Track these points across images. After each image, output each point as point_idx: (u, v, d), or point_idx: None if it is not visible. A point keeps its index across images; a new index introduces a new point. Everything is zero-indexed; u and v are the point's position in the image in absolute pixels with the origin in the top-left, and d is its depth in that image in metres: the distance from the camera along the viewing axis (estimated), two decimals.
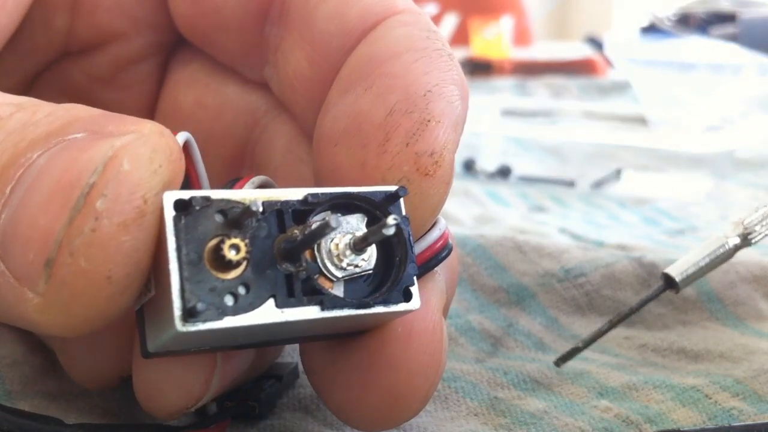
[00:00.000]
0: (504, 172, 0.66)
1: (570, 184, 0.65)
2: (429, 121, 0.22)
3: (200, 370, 0.22)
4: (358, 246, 0.20)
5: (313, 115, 0.25)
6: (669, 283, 0.28)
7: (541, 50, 1.54)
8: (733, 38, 1.04)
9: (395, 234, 0.20)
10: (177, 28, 0.28)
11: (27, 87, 0.29)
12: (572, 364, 0.31)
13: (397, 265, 0.21)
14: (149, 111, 0.30)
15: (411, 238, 0.21)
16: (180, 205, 0.18)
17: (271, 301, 0.19)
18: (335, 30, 0.24)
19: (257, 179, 0.23)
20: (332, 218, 0.19)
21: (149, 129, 0.19)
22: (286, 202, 0.20)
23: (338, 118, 0.23)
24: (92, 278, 0.18)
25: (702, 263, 0.27)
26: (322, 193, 0.20)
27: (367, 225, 0.21)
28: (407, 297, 0.21)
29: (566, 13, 2.78)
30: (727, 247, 0.27)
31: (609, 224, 0.54)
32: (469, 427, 0.27)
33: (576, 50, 1.37)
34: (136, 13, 0.29)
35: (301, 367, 0.26)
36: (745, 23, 1.08)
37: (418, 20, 0.24)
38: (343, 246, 0.20)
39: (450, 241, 0.23)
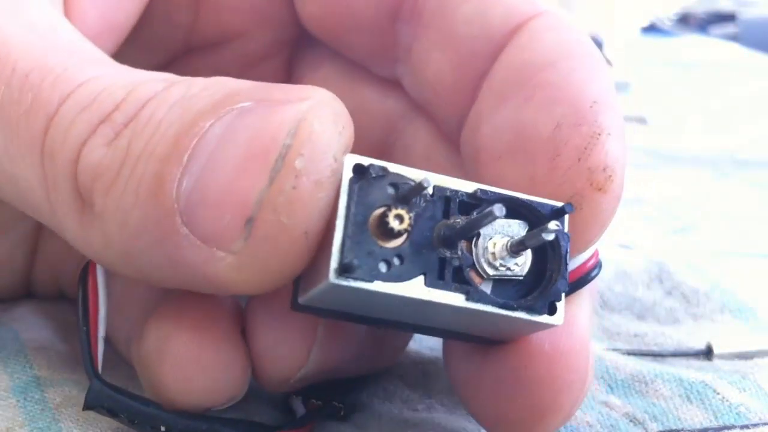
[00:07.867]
0: None
1: None
2: (600, 134, 0.21)
3: (302, 339, 0.23)
4: (515, 248, 0.20)
5: (456, 120, 0.24)
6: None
7: None
8: (733, 38, 1.05)
9: (552, 245, 0.20)
10: (302, 24, 0.28)
11: None
12: None
13: (548, 278, 0.21)
14: None
15: (568, 254, 0.21)
16: (358, 169, 0.19)
17: (421, 278, 0.19)
18: (478, 32, 0.24)
19: None
20: (497, 207, 0.19)
21: (324, 94, 0.20)
22: (455, 191, 0.20)
23: (500, 130, 0.22)
24: (292, 233, 0.19)
25: None
26: (492, 192, 0.20)
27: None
28: (552, 310, 0.20)
29: (566, 13, 2.78)
30: None
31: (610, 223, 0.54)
32: None
33: None
34: (260, 11, 0.29)
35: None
36: (745, 23, 1.08)
37: (563, 22, 0.23)
38: (500, 246, 0.20)
39: (600, 260, 0.23)
